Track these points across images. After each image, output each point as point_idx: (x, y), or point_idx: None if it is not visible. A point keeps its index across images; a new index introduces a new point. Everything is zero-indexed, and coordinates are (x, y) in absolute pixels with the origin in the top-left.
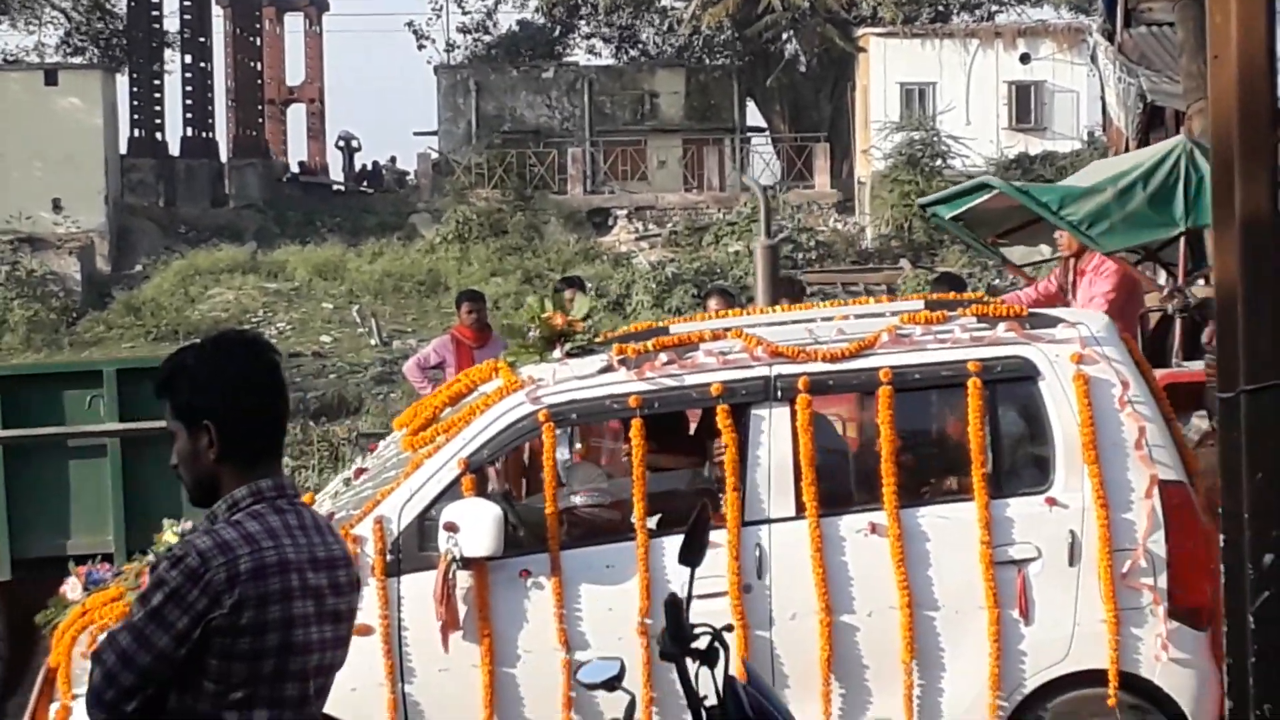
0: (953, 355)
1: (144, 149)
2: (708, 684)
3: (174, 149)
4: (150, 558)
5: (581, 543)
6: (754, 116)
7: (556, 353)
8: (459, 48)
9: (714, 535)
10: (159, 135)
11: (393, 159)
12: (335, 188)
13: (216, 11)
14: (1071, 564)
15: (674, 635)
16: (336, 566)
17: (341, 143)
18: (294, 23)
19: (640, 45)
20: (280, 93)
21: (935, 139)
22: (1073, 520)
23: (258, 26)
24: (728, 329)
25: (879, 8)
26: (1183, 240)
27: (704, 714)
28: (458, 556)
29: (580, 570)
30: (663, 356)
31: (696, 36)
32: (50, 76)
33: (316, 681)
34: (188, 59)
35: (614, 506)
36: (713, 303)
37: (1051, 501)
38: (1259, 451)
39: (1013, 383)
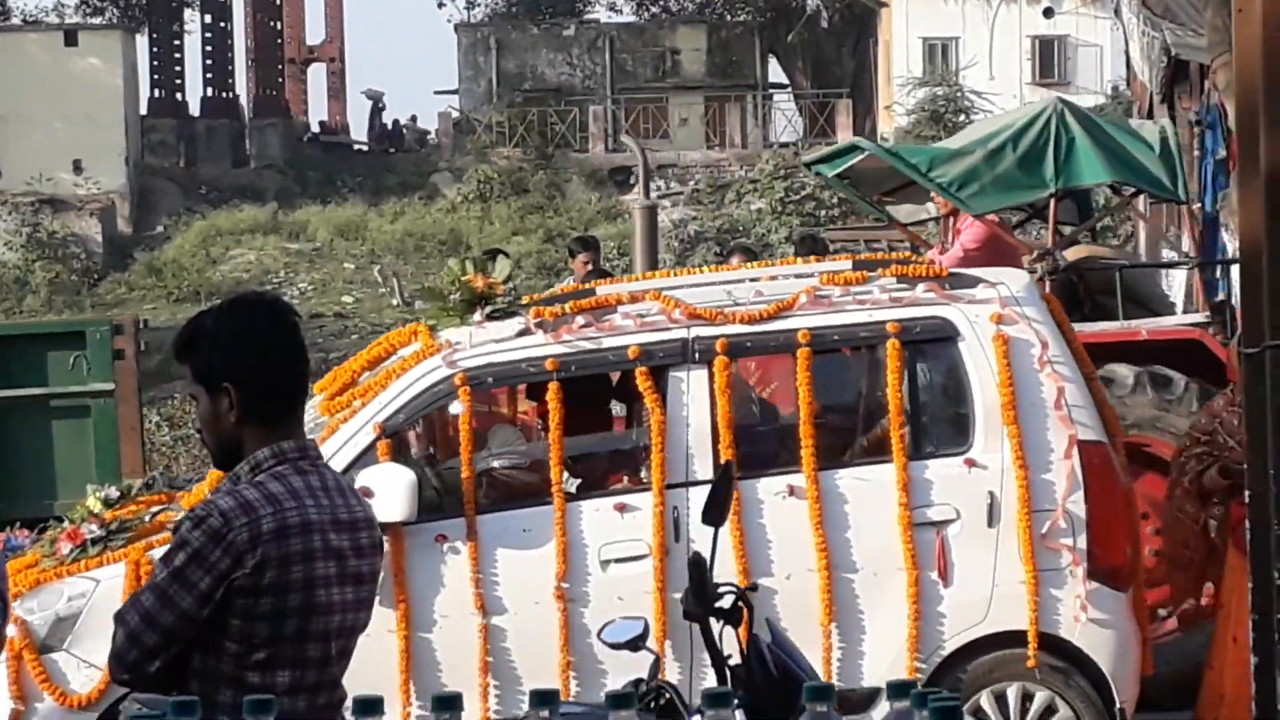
0: (871, 316)
1: (164, 109)
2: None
3: (194, 109)
4: (67, 525)
5: (499, 507)
6: (776, 73)
7: (477, 316)
8: (479, 5)
9: (634, 499)
10: (179, 95)
11: (413, 118)
12: (356, 147)
13: None
14: (990, 525)
15: (698, 595)
16: (359, 528)
17: (370, 101)
18: None
19: (661, 2)
20: (300, 52)
21: (958, 94)
22: (992, 481)
23: None
24: (647, 291)
25: None
26: (1053, 202)
27: (729, 673)
28: None
29: (497, 534)
30: (580, 319)
31: None
32: (70, 37)
33: (339, 643)
34: (207, 18)
35: (532, 469)
36: (735, 260)
37: (970, 463)
38: None
39: (932, 343)
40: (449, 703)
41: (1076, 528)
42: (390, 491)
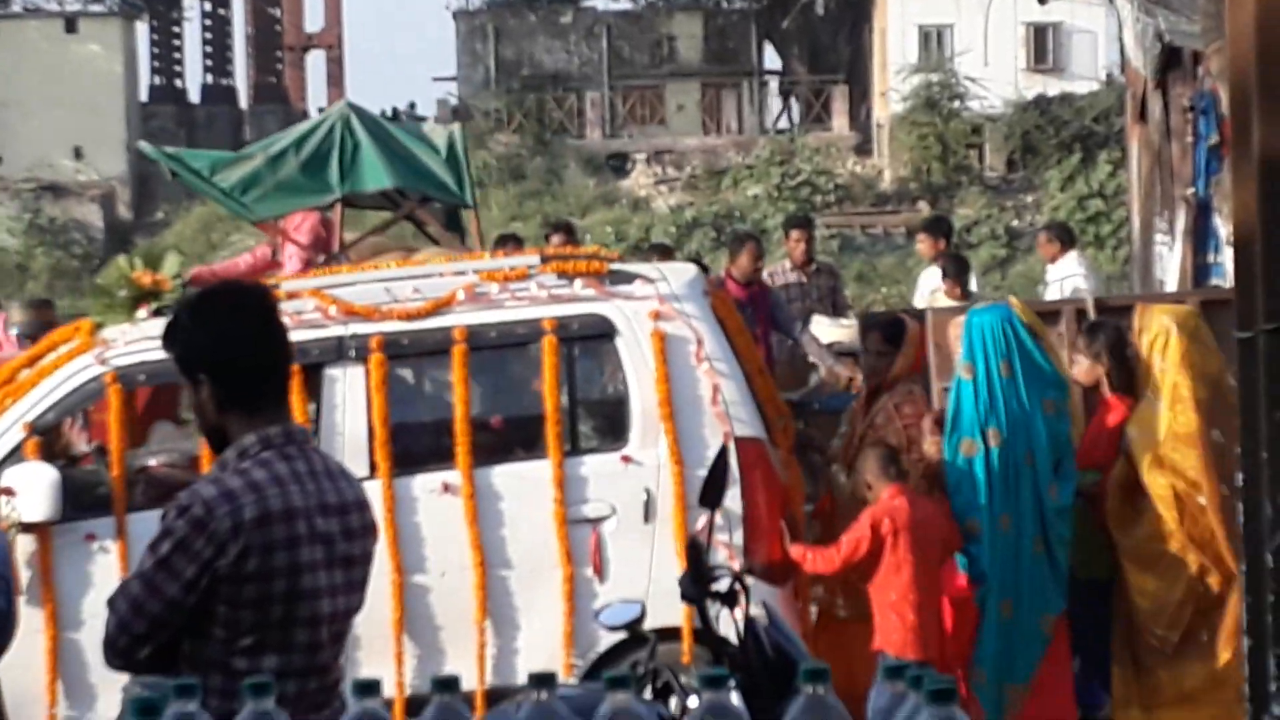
0: (529, 313)
1: (164, 96)
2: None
3: (194, 96)
4: None
5: (155, 505)
6: (772, 59)
7: (142, 313)
8: None
9: None
10: (179, 82)
11: (411, 105)
12: None
13: None
14: (647, 521)
15: (695, 578)
16: (348, 511)
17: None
18: None
19: None
20: (299, 39)
21: (953, 81)
22: (648, 478)
23: None
24: (305, 289)
25: None
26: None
27: (725, 655)
28: (16, 521)
29: (149, 533)
30: None
31: None
32: (70, 24)
33: (331, 628)
34: (206, 6)
35: (192, 467)
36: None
37: (627, 459)
38: (1279, 390)
39: (590, 340)
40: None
41: (733, 524)
42: (34, 490)
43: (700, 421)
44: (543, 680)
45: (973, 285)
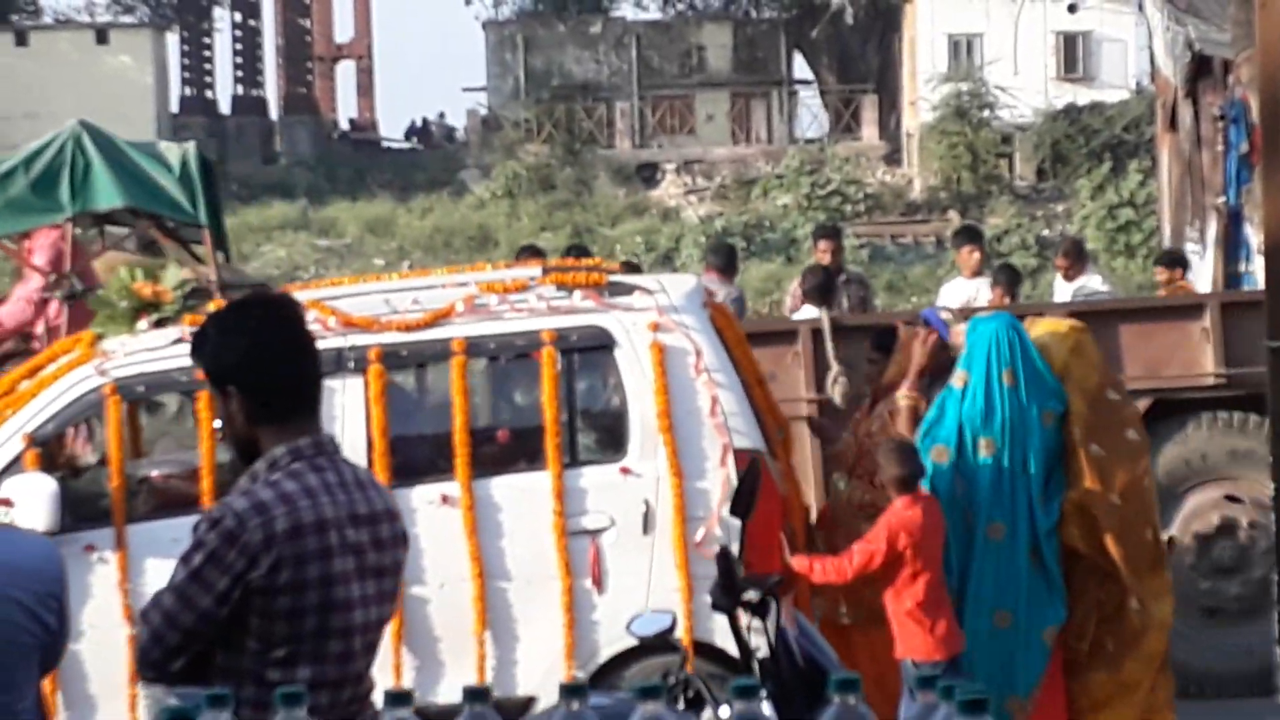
0: (528, 325)
1: (195, 107)
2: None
3: (224, 107)
4: None
5: (153, 516)
6: (802, 69)
7: (143, 324)
8: (507, 3)
9: None
10: (209, 93)
11: (441, 115)
12: (385, 144)
13: None
14: (646, 533)
15: (725, 588)
16: (379, 522)
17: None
18: None
19: None
20: (329, 50)
21: (983, 90)
22: (647, 489)
23: None
24: (306, 300)
25: None
26: (205, 232)
27: (756, 665)
28: None
29: (147, 545)
30: None
31: None
32: (101, 35)
33: (364, 638)
34: (237, 17)
35: (192, 479)
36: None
37: (626, 471)
38: None
39: (589, 352)
40: None
41: (731, 535)
42: (32, 501)
43: (699, 433)
44: (574, 690)
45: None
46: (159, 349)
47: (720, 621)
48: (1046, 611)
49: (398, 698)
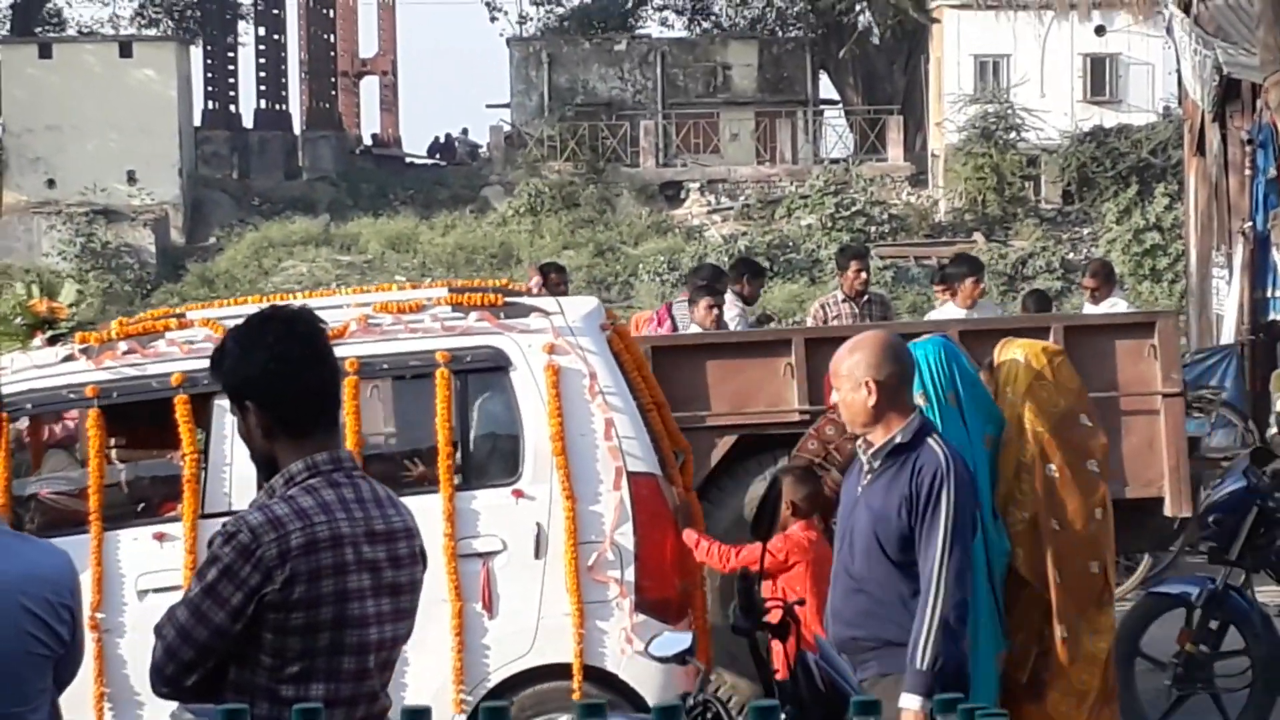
0: (422, 345)
1: (218, 121)
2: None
3: (247, 121)
4: None
5: (42, 534)
6: (827, 89)
7: (38, 340)
8: (531, 20)
9: (174, 528)
10: (233, 107)
11: (465, 131)
12: (408, 160)
13: None
14: (538, 556)
15: (745, 609)
16: (396, 539)
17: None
18: None
19: (713, 17)
20: (353, 65)
21: (1009, 112)
22: (540, 512)
23: None
24: (198, 319)
25: None
26: None
27: (776, 687)
28: None
29: None
30: (123, 345)
31: (769, 8)
32: (125, 49)
33: (379, 655)
34: (261, 31)
35: (81, 496)
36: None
37: (519, 494)
38: None
39: (484, 373)
40: None
41: (625, 560)
42: None
43: (593, 456)
44: (592, 710)
45: None
46: (48, 366)
47: (612, 645)
48: (997, 637)
49: (415, 714)
